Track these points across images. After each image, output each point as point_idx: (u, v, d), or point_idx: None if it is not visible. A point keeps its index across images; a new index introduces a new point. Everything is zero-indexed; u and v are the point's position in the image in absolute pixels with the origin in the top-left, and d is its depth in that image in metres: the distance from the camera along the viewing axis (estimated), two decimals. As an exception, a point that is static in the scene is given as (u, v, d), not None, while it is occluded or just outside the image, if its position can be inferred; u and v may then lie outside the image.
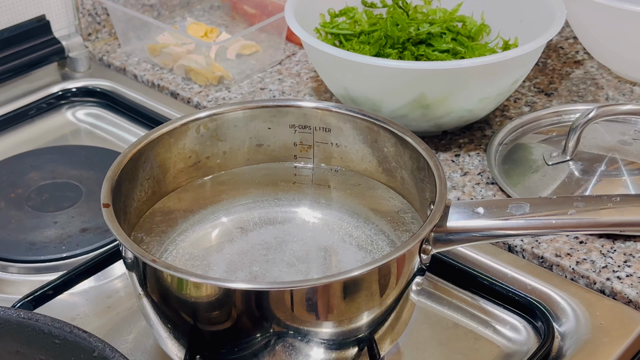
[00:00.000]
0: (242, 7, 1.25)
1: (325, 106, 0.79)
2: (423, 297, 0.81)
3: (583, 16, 1.04)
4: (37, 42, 1.14)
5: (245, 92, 1.09)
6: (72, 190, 0.93)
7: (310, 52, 0.98)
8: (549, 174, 0.91)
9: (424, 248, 0.67)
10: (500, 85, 0.93)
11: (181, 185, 0.80)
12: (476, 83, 0.91)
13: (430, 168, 0.71)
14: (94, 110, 1.11)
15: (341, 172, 0.81)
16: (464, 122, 0.97)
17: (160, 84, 1.12)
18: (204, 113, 0.78)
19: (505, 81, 0.93)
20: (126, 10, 1.15)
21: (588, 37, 1.08)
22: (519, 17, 1.01)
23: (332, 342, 0.66)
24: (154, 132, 0.76)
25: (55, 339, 0.62)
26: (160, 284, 0.64)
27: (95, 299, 0.81)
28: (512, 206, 0.68)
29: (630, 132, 0.96)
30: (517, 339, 0.77)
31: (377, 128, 0.77)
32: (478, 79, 0.90)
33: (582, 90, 1.08)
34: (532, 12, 1.00)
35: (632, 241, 0.84)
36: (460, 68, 0.88)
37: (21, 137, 1.07)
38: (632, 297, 0.78)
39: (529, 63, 0.95)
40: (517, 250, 0.84)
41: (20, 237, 0.87)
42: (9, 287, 0.83)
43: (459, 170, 0.94)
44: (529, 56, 0.92)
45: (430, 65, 0.89)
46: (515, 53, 0.89)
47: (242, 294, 0.62)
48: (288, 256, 0.73)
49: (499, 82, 0.92)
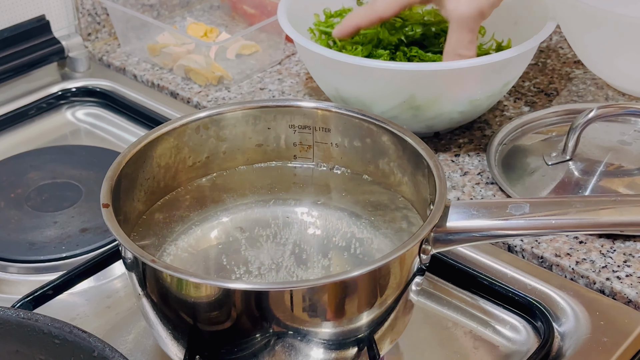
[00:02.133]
0: (241, 7, 1.25)
1: (325, 106, 0.79)
2: (423, 297, 0.81)
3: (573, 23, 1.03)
4: (37, 42, 1.14)
5: (245, 92, 1.09)
6: (72, 190, 0.93)
7: (301, 52, 0.98)
8: (549, 174, 0.91)
9: (424, 248, 0.67)
10: (492, 87, 0.93)
11: (181, 185, 0.80)
12: (467, 85, 0.91)
13: (430, 168, 0.71)
14: (94, 110, 1.11)
15: (341, 172, 0.81)
16: (455, 123, 0.97)
17: (160, 83, 1.12)
18: (203, 113, 0.78)
19: (496, 83, 0.93)
20: (126, 10, 1.15)
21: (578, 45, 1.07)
22: (513, 19, 1.01)
23: (331, 342, 0.66)
24: (154, 132, 0.76)
25: (55, 339, 0.62)
26: (160, 284, 0.64)
27: (95, 299, 0.81)
28: (512, 206, 0.68)
29: (630, 132, 0.96)
30: (517, 339, 0.77)
31: (377, 128, 0.77)
32: (469, 80, 0.90)
33: (582, 90, 1.08)
34: (527, 15, 1.00)
35: (632, 241, 0.84)
36: (450, 70, 0.88)
37: (21, 137, 1.07)
38: (631, 297, 0.78)
39: (521, 65, 0.95)
40: (517, 250, 0.84)
41: (20, 237, 0.87)
42: (9, 287, 0.83)
43: (459, 170, 0.94)
44: (520, 58, 0.91)
45: (420, 66, 0.89)
46: (506, 55, 0.89)
47: (242, 294, 0.62)
48: (288, 256, 0.73)
49: (490, 83, 0.92)
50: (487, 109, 0.97)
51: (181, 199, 0.79)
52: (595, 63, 1.06)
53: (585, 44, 1.05)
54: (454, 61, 0.89)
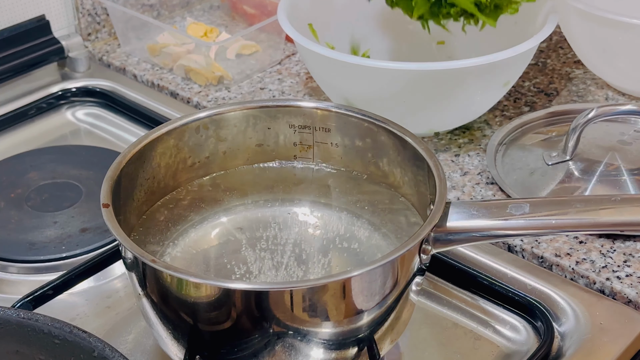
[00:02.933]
0: (241, 7, 1.25)
1: (325, 106, 0.79)
2: (423, 297, 0.81)
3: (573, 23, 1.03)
4: (37, 42, 1.14)
5: (245, 92, 1.09)
6: (72, 190, 0.93)
7: (302, 52, 0.98)
8: (549, 174, 0.91)
9: (424, 248, 0.67)
10: (492, 87, 0.93)
11: (181, 185, 0.80)
12: (467, 84, 0.90)
13: (430, 168, 0.71)
14: (94, 110, 1.11)
15: (341, 172, 0.81)
16: (456, 123, 0.97)
17: (160, 83, 1.12)
18: (203, 113, 0.78)
19: (496, 83, 0.92)
20: (126, 10, 1.15)
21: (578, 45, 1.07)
22: (513, 19, 1.01)
23: (332, 342, 0.66)
24: (154, 132, 0.76)
25: (55, 339, 0.62)
26: (160, 284, 0.64)
27: (95, 299, 0.81)
28: (512, 206, 0.68)
29: (630, 132, 0.96)
30: (517, 339, 0.77)
31: (377, 128, 0.77)
32: (469, 80, 0.90)
33: (582, 90, 1.08)
34: (526, 15, 1.00)
35: (632, 241, 0.84)
36: (450, 69, 0.88)
37: (21, 137, 1.06)
38: (631, 297, 0.78)
39: (521, 65, 0.94)
40: (517, 250, 0.84)
41: (20, 237, 0.87)
42: (9, 287, 0.83)
43: (459, 170, 0.94)
44: (520, 58, 0.91)
45: (420, 66, 0.88)
46: (506, 55, 0.89)
47: (242, 294, 0.62)
48: (288, 256, 0.73)
49: (490, 83, 0.92)
50: (487, 109, 0.97)
51: (181, 199, 0.79)
52: (595, 63, 1.06)
53: (585, 44, 1.05)
54: (454, 61, 0.88)
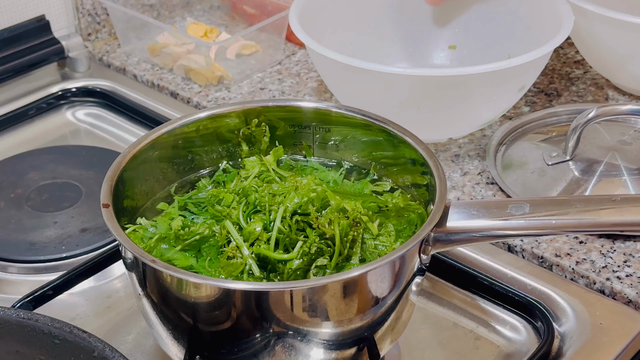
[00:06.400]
0: (242, 7, 1.25)
1: (325, 106, 0.79)
2: (423, 297, 0.81)
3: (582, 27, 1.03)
4: (37, 42, 1.14)
5: (245, 92, 1.09)
6: (72, 190, 0.93)
7: (313, 57, 0.97)
8: (549, 174, 0.91)
9: (424, 248, 0.67)
10: (507, 92, 0.92)
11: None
12: (483, 90, 0.90)
13: (430, 168, 0.71)
14: (94, 110, 1.11)
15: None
16: (470, 130, 0.96)
17: (160, 84, 1.12)
18: (204, 113, 0.78)
19: (512, 87, 0.91)
20: (126, 10, 1.15)
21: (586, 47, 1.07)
22: (526, 23, 1.00)
23: (332, 342, 0.66)
24: (154, 132, 0.76)
25: (55, 339, 0.62)
26: (160, 284, 0.64)
27: (95, 299, 0.81)
28: (512, 206, 0.68)
29: (630, 132, 0.96)
30: (517, 339, 0.77)
31: (377, 128, 0.77)
32: (486, 85, 0.89)
33: (582, 90, 1.08)
34: (540, 19, 0.99)
35: (632, 241, 0.84)
36: (468, 75, 0.87)
37: (21, 137, 1.07)
38: (632, 297, 0.78)
39: (537, 69, 0.93)
40: (517, 250, 0.84)
41: (20, 237, 0.87)
42: (9, 287, 0.83)
43: (459, 170, 0.94)
44: (536, 62, 0.90)
45: (436, 72, 0.87)
46: (522, 60, 0.87)
47: (242, 294, 0.62)
48: None
49: (505, 88, 0.91)
50: (500, 114, 0.96)
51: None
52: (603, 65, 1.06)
53: (593, 46, 1.04)
54: (470, 67, 0.87)
